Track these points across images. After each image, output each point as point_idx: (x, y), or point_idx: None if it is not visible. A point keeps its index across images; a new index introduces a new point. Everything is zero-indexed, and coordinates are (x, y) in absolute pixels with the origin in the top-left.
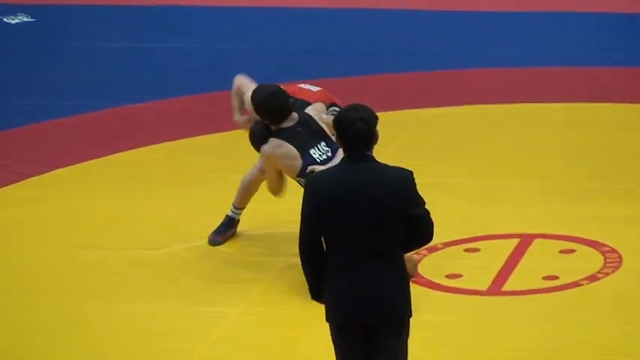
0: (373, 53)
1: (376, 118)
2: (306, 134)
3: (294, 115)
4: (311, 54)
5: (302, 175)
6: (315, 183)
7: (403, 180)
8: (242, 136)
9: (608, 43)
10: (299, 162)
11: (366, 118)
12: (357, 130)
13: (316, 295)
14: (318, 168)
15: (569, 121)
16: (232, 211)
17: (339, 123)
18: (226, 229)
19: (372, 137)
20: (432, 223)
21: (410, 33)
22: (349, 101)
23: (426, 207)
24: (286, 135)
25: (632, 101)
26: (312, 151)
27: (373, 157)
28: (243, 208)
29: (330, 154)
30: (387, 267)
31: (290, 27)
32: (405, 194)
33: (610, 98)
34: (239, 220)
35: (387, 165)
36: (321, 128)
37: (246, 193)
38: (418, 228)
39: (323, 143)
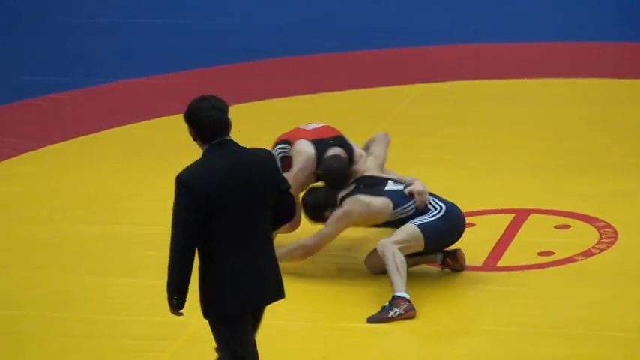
0: (362, 29)
1: (226, 105)
2: (368, 187)
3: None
4: (298, 30)
5: (397, 206)
6: (193, 181)
7: (271, 158)
8: (235, 111)
9: (602, 18)
10: (388, 202)
11: (217, 106)
12: (210, 116)
13: (180, 299)
14: (418, 186)
15: (564, 97)
16: None
17: (190, 114)
18: None
19: (227, 122)
20: None
21: (401, 8)
22: (339, 77)
23: None
24: (357, 192)
25: (626, 77)
26: (387, 188)
27: (233, 140)
28: None
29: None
30: (269, 245)
31: (278, 3)
32: (276, 171)
33: (605, 74)
34: None
35: (248, 147)
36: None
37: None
38: (287, 202)
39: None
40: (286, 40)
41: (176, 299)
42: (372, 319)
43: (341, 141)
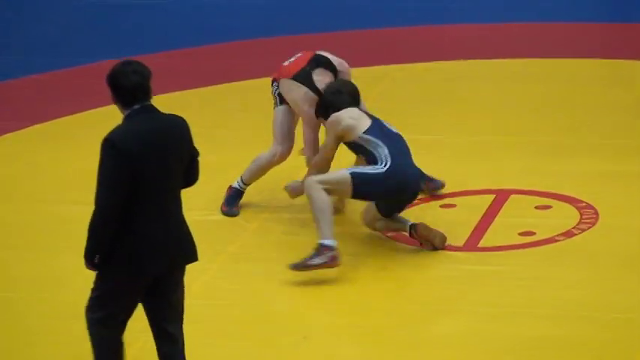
0: (346, 8)
1: (149, 71)
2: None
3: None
4: (284, 9)
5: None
6: (121, 142)
7: (186, 125)
8: (216, 92)
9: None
10: (367, 120)
11: (139, 71)
12: (131, 81)
13: (102, 259)
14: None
15: (545, 77)
16: (239, 184)
17: (113, 78)
18: (237, 200)
19: (148, 88)
20: None
21: None
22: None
23: None
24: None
25: (606, 57)
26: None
27: (153, 105)
28: (249, 184)
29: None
30: (180, 208)
31: None
32: (191, 138)
33: (585, 53)
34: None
35: (165, 113)
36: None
37: (258, 172)
38: (194, 169)
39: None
40: (271, 19)
41: (98, 258)
42: (293, 266)
43: (316, 62)
